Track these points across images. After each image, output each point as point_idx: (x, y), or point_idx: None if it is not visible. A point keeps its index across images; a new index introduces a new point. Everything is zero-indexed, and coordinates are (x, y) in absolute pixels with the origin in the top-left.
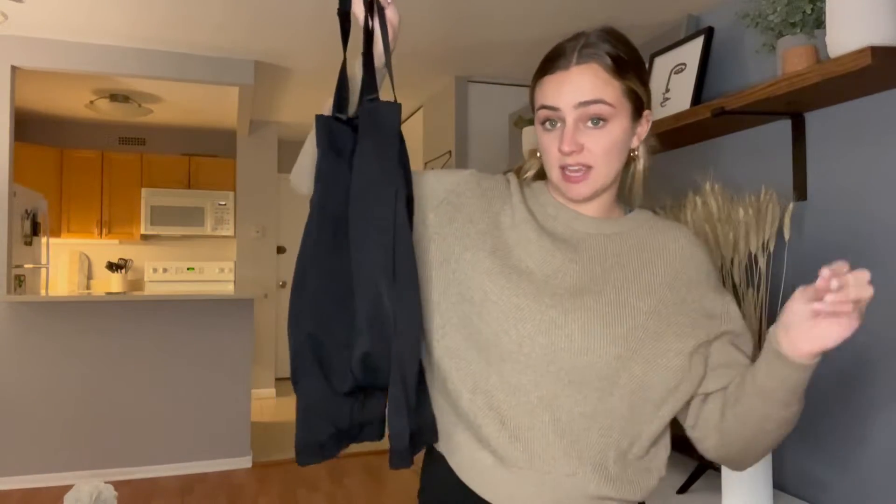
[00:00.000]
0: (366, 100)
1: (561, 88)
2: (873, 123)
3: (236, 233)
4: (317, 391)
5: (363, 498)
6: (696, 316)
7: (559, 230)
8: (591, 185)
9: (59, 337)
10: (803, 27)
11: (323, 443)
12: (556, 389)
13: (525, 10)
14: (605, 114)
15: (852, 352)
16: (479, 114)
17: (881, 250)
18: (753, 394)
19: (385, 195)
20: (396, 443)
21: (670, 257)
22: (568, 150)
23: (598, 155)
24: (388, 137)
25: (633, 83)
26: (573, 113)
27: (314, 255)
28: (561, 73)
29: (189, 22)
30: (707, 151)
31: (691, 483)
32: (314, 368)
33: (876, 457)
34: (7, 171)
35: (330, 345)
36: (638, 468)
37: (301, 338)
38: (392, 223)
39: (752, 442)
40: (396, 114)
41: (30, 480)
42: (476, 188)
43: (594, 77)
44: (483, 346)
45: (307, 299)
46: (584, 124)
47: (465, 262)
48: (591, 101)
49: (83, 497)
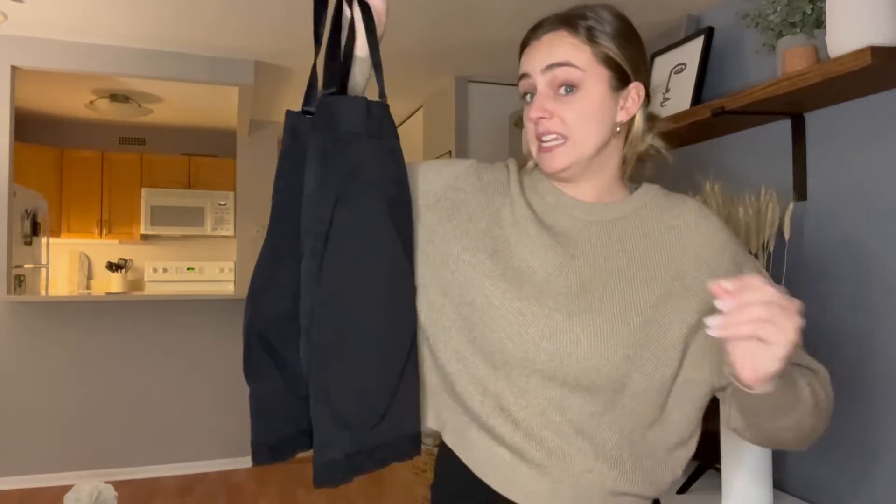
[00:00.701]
0: (323, 94)
1: (532, 55)
2: (873, 123)
3: (236, 233)
4: (270, 387)
5: (363, 498)
6: (704, 297)
7: (559, 222)
8: (566, 156)
9: (59, 337)
10: (803, 27)
11: (274, 444)
12: (565, 392)
13: (525, 10)
14: (573, 78)
15: (852, 352)
16: (479, 114)
17: (881, 250)
18: (743, 414)
19: (324, 199)
20: (317, 457)
21: (677, 237)
22: (535, 116)
23: (573, 122)
24: (343, 136)
25: (608, 50)
26: (542, 78)
27: (269, 254)
28: (534, 43)
29: (189, 22)
30: (707, 151)
31: (691, 483)
32: (268, 366)
33: (876, 456)
34: (7, 171)
35: (285, 345)
36: (655, 463)
37: (252, 334)
38: (325, 232)
39: (778, 441)
40: (358, 109)
41: (30, 480)
42: (477, 182)
43: (562, 41)
44: (488, 350)
45: (262, 298)
46: (556, 92)
47: (464, 262)
48: (556, 64)
49: (83, 497)
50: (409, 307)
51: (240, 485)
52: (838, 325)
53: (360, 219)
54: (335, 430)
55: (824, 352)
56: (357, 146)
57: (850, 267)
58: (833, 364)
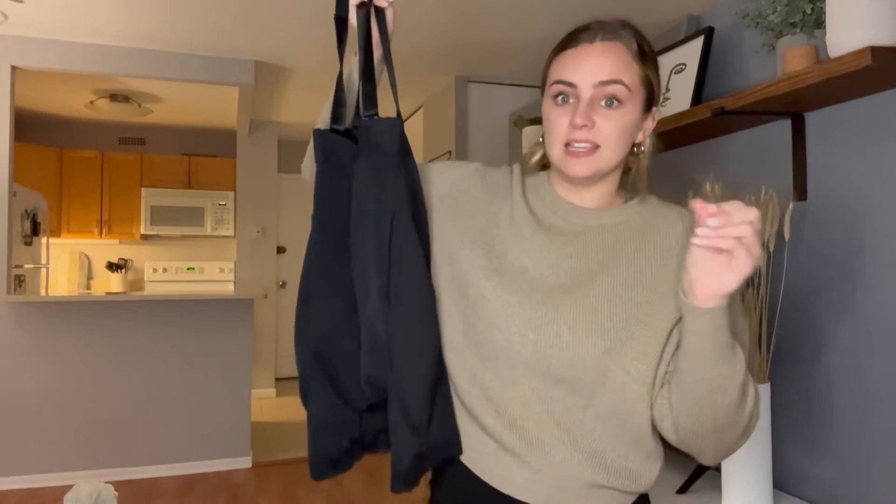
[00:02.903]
0: (364, 115)
1: (582, 63)
2: (873, 123)
3: (236, 233)
4: (327, 407)
5: (363, 498)
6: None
7: (556, 224)
8: (593, 164)
9: (59, 337)
10: (803, 27)
11: (336, 457)
12: (547, 384)
13: (525, 10)
14: (621, 95)
15: (853, 351)
16: (479, 114)
17: (881, 250)
18: (681, 357)
19: (382, 221)
20: (397, 465)
21: (666, 242)
22: (581, 123)
23: (608, 135)
24: (387, 157)
25: (650, 72)
26: (590, 91)
27: (317, 273)
28: (585, 46)
29: (189, 22)
30: (707, 151)
31: (691, 483)
32: (323, 384)
33: (876, 456)
34: (7, 171)
35: (338, 360)
36: (636, 458)
37: (308, 354)
38: (388, 247)
39: (697, 417)
40: (396, 131)
41: (30, 480)
42: (481, 183)
43: (617, 56)
44: (478, 341)
45: (313, 316)
46: (599, 103)
47: (462, 258)
48: (610, 81)
49: (83, 497)
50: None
51: (240, 485)
52: (838, 325)
53: (409, 233)
54: (412, 438)
55: (824, 351)
56: (401, 162)
57: (850, 267)
58: (832, 364)
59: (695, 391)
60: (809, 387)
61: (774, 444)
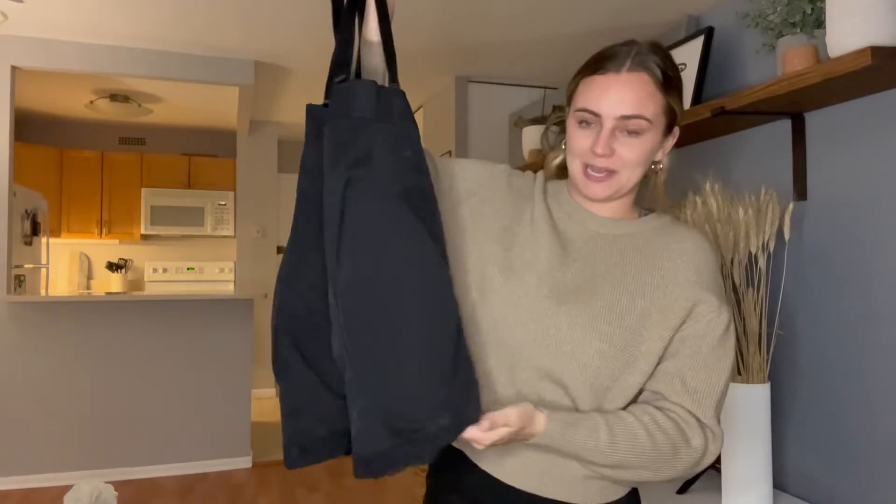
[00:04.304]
0: (335, 81)
1: (606, 94)
2: (873, 123)
3: (236, 233)
4: (301, 386)
5: (363, 498)
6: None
7: (571, 229)
8: (611, 188)
9: (59, 337)
10: (803, 27)
11: (306, 446)
12: (541, 374)
13: (525, 10)
14: (642, 128)
15: (852, 350)
16: (479, 114)
17: (881, 250)
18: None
19: (335, 184)
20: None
21: (670, 259)
22: (601, 153)
23: (627, 161)
24: (357, 122)
25: (673, 101)
26: (612, 123)
27: (299, 245)
28: (612, 76)
29: (189, 22)
30: (707, 151)
31: (691, 483)
32: (296, 360)
33: (876, 456)
34: (7, 171)
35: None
36: None
37: (280, 329)
38: (339, 217)
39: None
40: (368, 94)
41: (30, 480)
42: (506, 185)
43: (641, 89)
44: (484, 329)
45: (288, 291)
46: (619, 133)
47: (485, 254)
48: (632, 116)
49: (83, 497)
50: (444, 296)
51: (240, 485)
52: (838, 325)
53: (370, 202)
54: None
55: (824, 351)
56: (368, 130)
57: (850, 267)
58: (832, 364)
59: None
60: (809, 387)
61: (774, 444)
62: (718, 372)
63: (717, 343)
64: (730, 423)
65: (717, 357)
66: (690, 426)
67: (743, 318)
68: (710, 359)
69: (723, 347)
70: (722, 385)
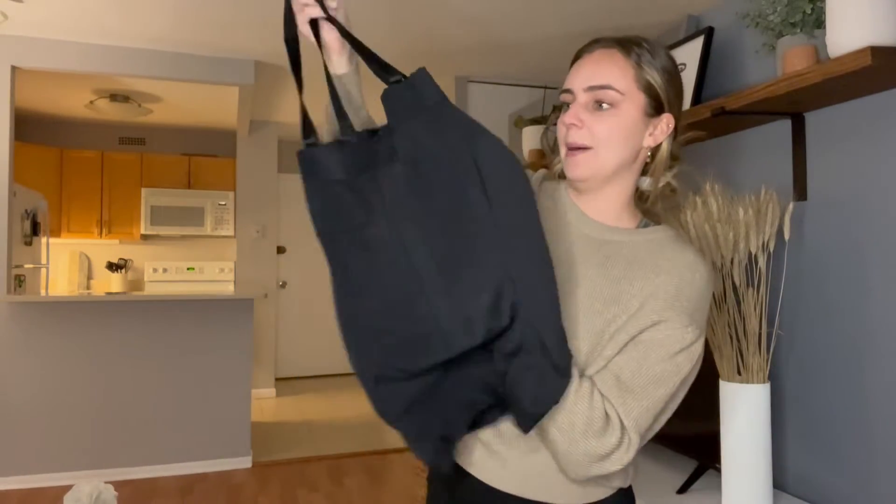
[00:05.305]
0: (391, 82)
1: (578, 71)
2: (873, 123)
3: (236, 233)
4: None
5: (363, 498)
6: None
7: (562, 227)
8: (587, 165)
9: (59, 337)
10: (803, 27)
11: (445, 435)
12: None
13: (525, 10)
14: (611, 99)
15: (852, 350)
16: (479, 114)
17: (881, 250)
18: None
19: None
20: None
21: (657, 275)
22: (569, 122)
23: (601, 137)
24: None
25: (653, 77)
26: (583, 96)
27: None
28: (585, 57)
29: (189, 22)
30: (707, 151)
31: (691, 483)
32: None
33: (876, 456)
34: (7, 171)
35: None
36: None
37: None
38: (481, 188)
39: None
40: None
41: (30, 480)
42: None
43: (610, 61)
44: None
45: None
46: (590, 106)
47: None
48: (598, 86)
49: (83, 497)
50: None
51: (240, 485)
52: (838, 325)
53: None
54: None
55: (824, 351)
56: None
57: (850, 267)
58: (832, 364)
59: None
60: (809, 387)
61: (774, 444)
62: (658, 384)
63: (668, 357)
64: (730, 423)
65: (662, 368)
66: (612, 422)
67: (743, 318)
68: (657, 368)
69: (673, 362)
70: (657, 398)
